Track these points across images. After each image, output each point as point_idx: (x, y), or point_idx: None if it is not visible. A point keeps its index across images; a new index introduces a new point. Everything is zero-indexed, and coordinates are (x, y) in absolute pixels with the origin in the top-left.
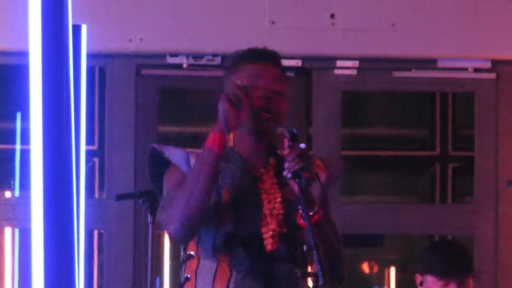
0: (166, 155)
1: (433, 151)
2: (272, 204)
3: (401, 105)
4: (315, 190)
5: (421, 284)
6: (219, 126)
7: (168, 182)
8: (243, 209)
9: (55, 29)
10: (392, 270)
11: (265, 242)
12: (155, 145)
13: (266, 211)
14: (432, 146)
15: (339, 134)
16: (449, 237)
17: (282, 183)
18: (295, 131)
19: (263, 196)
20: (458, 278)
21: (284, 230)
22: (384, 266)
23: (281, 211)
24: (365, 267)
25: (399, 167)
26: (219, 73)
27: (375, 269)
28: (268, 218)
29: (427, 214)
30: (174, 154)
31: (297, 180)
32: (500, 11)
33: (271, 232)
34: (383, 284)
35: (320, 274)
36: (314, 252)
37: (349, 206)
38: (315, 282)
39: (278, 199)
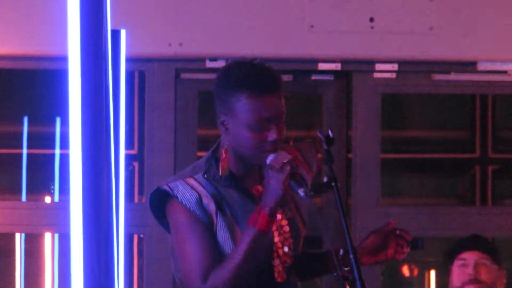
0: (179, 199)
1: (473, 153)
2: (282, 236)
3: (440, 108)
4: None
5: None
6: (270, 205)
7: (177, 222)
8: None
9: (94, 34)
10: (432, 273)
11: (276, 274)
12: (165, 186)
13: (278, 243)
14: (472, 149)
15: (378, 137)
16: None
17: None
18: (330, 134)
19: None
20: (475, 250)
21: (293, 259)
22: (425, 269)
23: (291, 241)
24: (405, 270)
25: (439, 169)
26: None
27: (415, 272)
28: (280, 251)
29: (467, 216)
30: (185, 196)
31: (333, 184)
32: None
33: (281, 264)
34: (423, 287)
35: (357, 278)
36: (351, 255)
37: (390, 208)
38: (351, 286)
39: (286, 227)
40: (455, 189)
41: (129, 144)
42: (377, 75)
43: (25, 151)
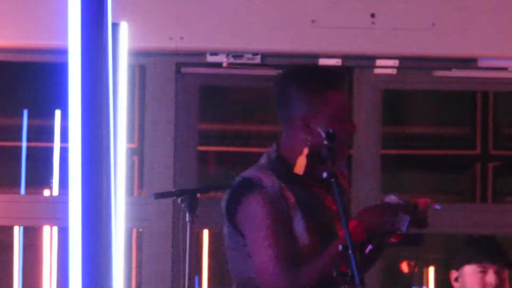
0: (265, 189)
1: (473, 150)
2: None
3: (441, 104)
4: None
5: (456, 280)
6: (373, 229)
7: (258, 214)
8: (325, 238)
9: (94, 27)
10: (431, 269)
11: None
12: (250, 176)
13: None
14: (473, 145)
15: (379, 133)
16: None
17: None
18: (330, 130)
19: (335, 221)
20: (496, 265)
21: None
22: (424, 265)
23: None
24: (404, 266)
25: (440, 166)
26: (259, 71)
27: (415, 268)
28: None
29: (467, 213)
30: (270, 187)
31: (332, 180)
32: None
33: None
34: (422, 284)
35: (355, 274)
36: (350, 251)
37: None
38: (349, 283)
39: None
40: (456, 186)
41: (129, 138)
42: (378, 71)
43: (24, 144)
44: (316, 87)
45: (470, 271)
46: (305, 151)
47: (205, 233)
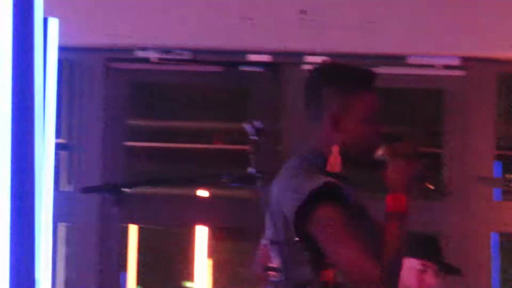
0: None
1: None
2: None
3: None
4: None
5: None
6: (404, 188)
7: (335, 220)
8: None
9: (23, 21)
10: None
11: None
12: (324, 185)
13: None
14: None
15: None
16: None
17: None
18: (259, 125)
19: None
20: (436, 266)
21: None
22: None
23: None
24: None
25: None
26: (189, 67)
27: None
28: None
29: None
30: (339, 190)
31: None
32: (469, 9)
33: None
34: None
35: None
36: (275, 246)
37: None
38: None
39: None
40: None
41: (58, 133)
42: (307, 67)
43: None
44: (349, 86)
45: (409, 265)
46: (336, 149)
47: (133, 228)
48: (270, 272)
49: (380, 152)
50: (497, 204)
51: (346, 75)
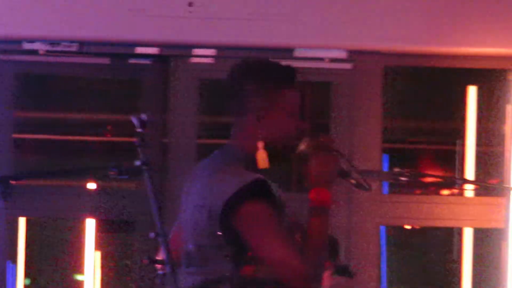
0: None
1: None
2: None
3: None
4: None
5: None
6: (328, 183)
7: (264, 216)
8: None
9: None
10: None
11: None
12: (259, 179)
13: None
14: None
15: (196, 122)
16: None
17: None
18: (144, 118)
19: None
20: (333, 266)
21: None
22: None
23: None
24: None
25: None
26: (76, 59)
27: None
28: None
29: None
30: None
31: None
32: (356, 2)
33: None
34: None
35: (167, 260)
36: (161, 238)
37: None
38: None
39: None
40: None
41: None
42: (195, 60)
43: None
44: (272, 82)
45: None
46: (261, 145)
47: (21, 220)
48: (157, 265)
49: (302, 147)
50: (385, 198)
51: (269, 71)
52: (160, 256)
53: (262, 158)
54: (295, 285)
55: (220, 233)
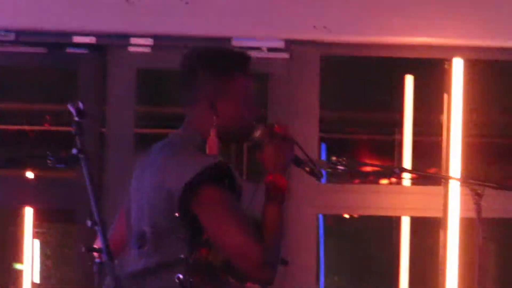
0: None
1: None
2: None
3: None
4: None
5: None
6: (284, 169)
7: (223, 200)
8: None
9: None
10: None
11: None
12: (220, 162)
13: None
14: None
15: (133, 112)
16: None
17: None
18: (81, 106)
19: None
20: None
21: None
22: None
23: None
24: None
25: None
26: (13, 49)
27: None
28: None
29: None
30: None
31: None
32: None
33: None
34: None
35: (104, 250)
36: (98, 227)
37: None
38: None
39: None
40: None
41: None
42: (132, 49)
43: None
44: (224, 70)
45: None
46: (213, 132)
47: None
48: (94, 253)
49: (256, 134)
50: (323, 186)
51: (222, 58)
52: (97, 245)
53: (212, 145)
54: (251, 272)
55: (177, 215)
